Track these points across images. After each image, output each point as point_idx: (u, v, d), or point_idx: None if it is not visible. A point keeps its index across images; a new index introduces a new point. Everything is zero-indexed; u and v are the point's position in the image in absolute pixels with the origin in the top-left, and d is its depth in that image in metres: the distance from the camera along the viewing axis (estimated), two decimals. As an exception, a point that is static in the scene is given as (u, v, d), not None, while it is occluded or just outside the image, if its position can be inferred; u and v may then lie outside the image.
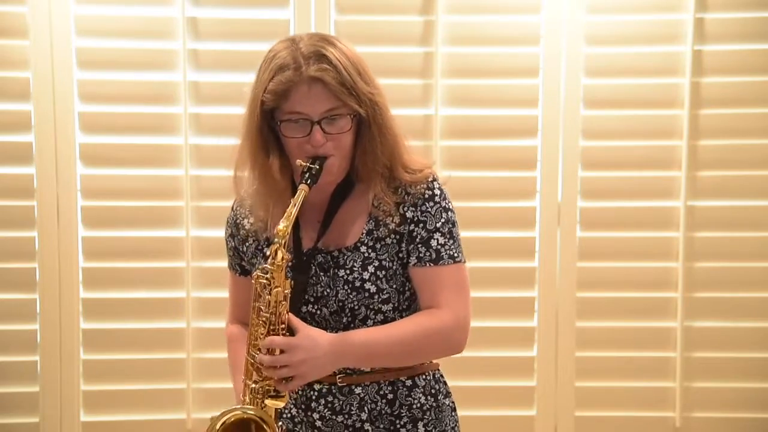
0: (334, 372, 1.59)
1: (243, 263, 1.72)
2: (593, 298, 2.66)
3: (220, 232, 2.60)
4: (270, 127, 1.55)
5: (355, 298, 1.57)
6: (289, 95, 1.49)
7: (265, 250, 1.62)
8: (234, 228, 1.71)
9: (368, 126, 1.54)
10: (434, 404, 1.65)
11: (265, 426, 1.49)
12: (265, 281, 1.49)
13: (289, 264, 1.57)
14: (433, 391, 1.66)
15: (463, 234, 1.65)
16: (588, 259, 2.65)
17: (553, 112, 2.61)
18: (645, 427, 2.69)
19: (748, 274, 2.65)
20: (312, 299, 1.59)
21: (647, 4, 2.60)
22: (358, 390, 1.61)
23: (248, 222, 1.67)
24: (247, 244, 1.68)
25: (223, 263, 2.62)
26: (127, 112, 2.58)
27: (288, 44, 1.52)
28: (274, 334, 1.48)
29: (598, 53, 2.60)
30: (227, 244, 1.74)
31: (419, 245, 1.58)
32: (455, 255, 1.59)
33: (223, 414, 1.49)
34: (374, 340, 1.53)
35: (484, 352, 2.61)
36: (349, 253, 1.58)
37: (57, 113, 2.56)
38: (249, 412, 1.49)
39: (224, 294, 2.62)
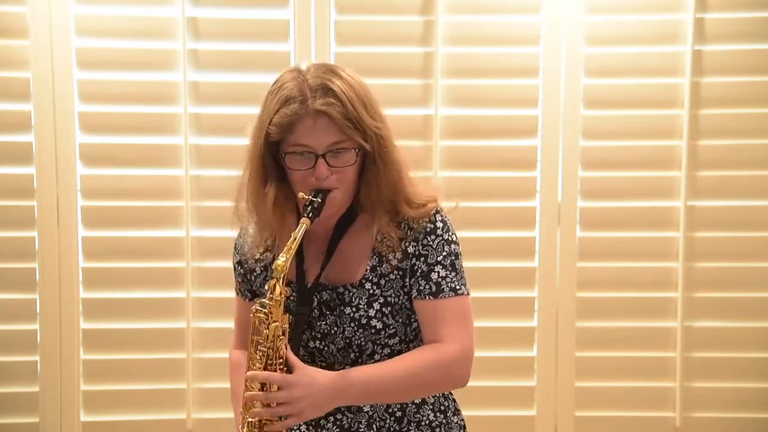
0: None
1: (253, 288, 1.71)
2: (593, 298, 2.66)
3: (220, 233, 2.63)
4: (274, 157, 1.54)
5: (361, 335, 1.57)
6: (294, 128, 1.48)
7: (265, 288, 1.60)
8: (242, 256, 1.70)
9: (373, 160, 1.53)
10: (443, 421, 1.65)
11: None
12: (263, 315, 1.48)
13: (291, 298, 1.57)
14: (442, 408, 1.66)
15: (463, 234, 1.65)
16: (588, 259, 2.65)
17: (553, 112, 2.61)
18: (645, 427, 2.69)
19: (748, 274, 2.65)
20: (319, 336, 1.59)
21: (647, 4, 2.60)
22: (366, 408, 1.61)
23: (258, 252, 1.66)
24: (255, 273, 1.68)
25: (223, 263, 2.63)
26: (127, 112, 2.58)
27: (295, 75, 1.51)
28: (271, 369, 1.47)
29: (598, 53, 2.60)
30: (235, 270, 1.73)
31: (420, 279, 1.56)
32: (457, 287, 1.57)
33: None
34: (374, 379, 1.50)
35: (484, 353, 2.61)
36: (354, 290, 1.57)
37: (57, 113, 2.56)
38: None
39: (224, 294, 2.63)
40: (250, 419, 1.49)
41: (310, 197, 1.49)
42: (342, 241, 1.60)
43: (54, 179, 2.57)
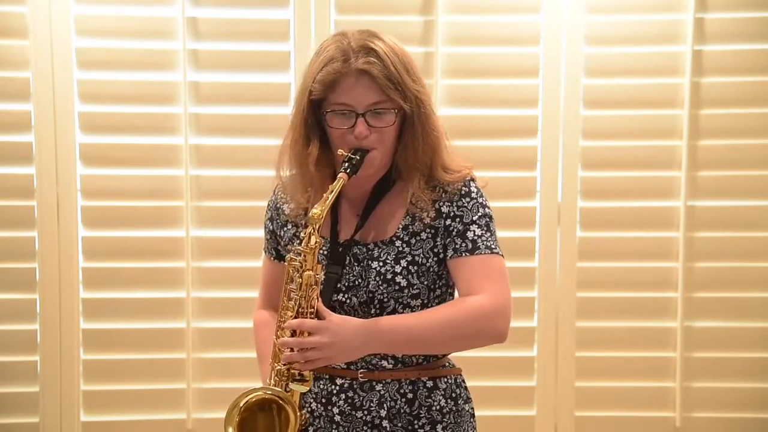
0: (356, 366, 1.61)
1: (279, 248, 1.73)
2: (593, 298, 2.66)
3: (220, 232, 2.63)
4: (316, 118, 1.58)
5: (385, 290, 1.59)
6: (337, 86, 1.52)
7: (300, 236, 1.64)
8: (274, 212, 1.73)
9: (411, 123, 1.57)
10: (454, 408, 1.67)
11: (285, 406, 1.51)
12: (297, 264, 1.52)
13: (324, 252, 1.60)
14: (453, 395, 1.67)
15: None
16: (588, 259, 2.65)
17: (553, 112, 2.61)
18: (645, 427, 2.69)
19: (748, 274, 2.65)
20: (344, 288, 1.61)
21: (647, 4, 2.60)
22: (378, 387, 1.62)
23: (288, 207, 1.69)
24: (285, 229, 1.70)
25: (223, 263, 2.64)
26: (127, 112, 2.58)
27: (338, 38, 1.56)
28: (302, 317, 1.50)
29: (598, 53, 2.60)
30: (265, 228, 1.76)
31: (456, 237, 1.58)
32: (492, 246, 1.59)
33: (244, 394, 1.52)
34: (405, 325, 1.52)
35: (484, 352, 2.58)
36: (384, 247, 1.60)
37: (57, 113, 2.56)
38: (268, 392, 1.52)
39: (224, 294, 2.64)
40: (279, 367, 1.53)
41: (349, 154, 1.53)
42: (377, 205, 1.63)
43: (54, 179, 2.57)
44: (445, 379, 1.66)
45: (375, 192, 1.63)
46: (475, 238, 1.58)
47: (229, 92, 2.59)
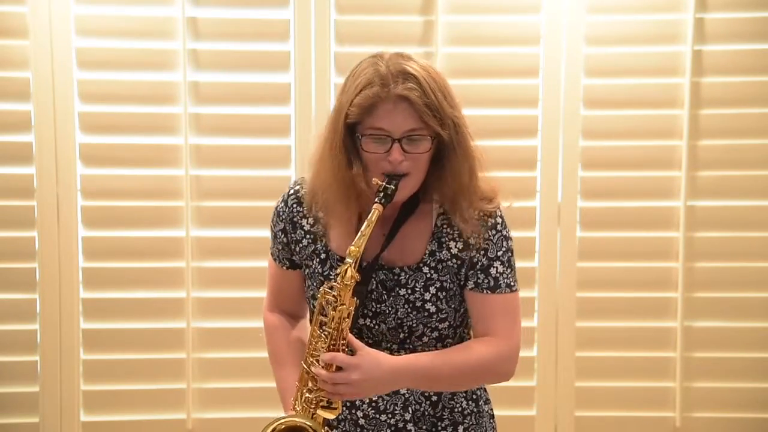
0: None
1: (293, 258, 1.71)
2: (593, 298, 2.66)
3: (220, 232, 2.63)
4: (351, 140, 1.56)
5: (414, 317, 1.60)
6: (374, 111, 1.50)
7: (321, 254, 1.64)
8: (289, 224, 1.68)
9: (447, 150, 1.56)
10: (475, 409, 1.69)
11: None
12: (331, 298, 1.51)
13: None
14: (474, 396, 1.69)
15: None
16: (588, 259, 2.65)
17: (553, 112, 2.61)
18: (645, 427, 2.69)
19: (748, 274, 2.65)
20: (370, 314, 1.61)
21: (647, 4, 2.60)
22: (403, 390, 1.63)
23: (307, 222, 1.66)
24: (301, 244, 1.67)
25: (223, 263, 2.64)
26: (127, 112, 2.58)
27: (374, 61, 1.54)
28: (334, 350, 1.50)
29: (598, 53, 2.60)
30: (276, 237, 1.71)
31: (479, 272, 1.60)
32: (511, 284, 1.62)
33: (274, 421, 1.53)
34: (431, 369, 1.55)
35: (484, 352, 2.61)
36: (411, 273, 1.60)
37: (57, 113, 2.56)
38: (307, 423, 1.53)
39: (224, 294, 2.64)
40: (307, 394, 1.54)
41: (384, 183, 1.51)
42: (403, 225, 1.62)
43: (54, 179, 2.57)
44: None
45: (403, 211, 1.61)
46: (497, 275, 1.61)
47: (229, 92, 2.59)
